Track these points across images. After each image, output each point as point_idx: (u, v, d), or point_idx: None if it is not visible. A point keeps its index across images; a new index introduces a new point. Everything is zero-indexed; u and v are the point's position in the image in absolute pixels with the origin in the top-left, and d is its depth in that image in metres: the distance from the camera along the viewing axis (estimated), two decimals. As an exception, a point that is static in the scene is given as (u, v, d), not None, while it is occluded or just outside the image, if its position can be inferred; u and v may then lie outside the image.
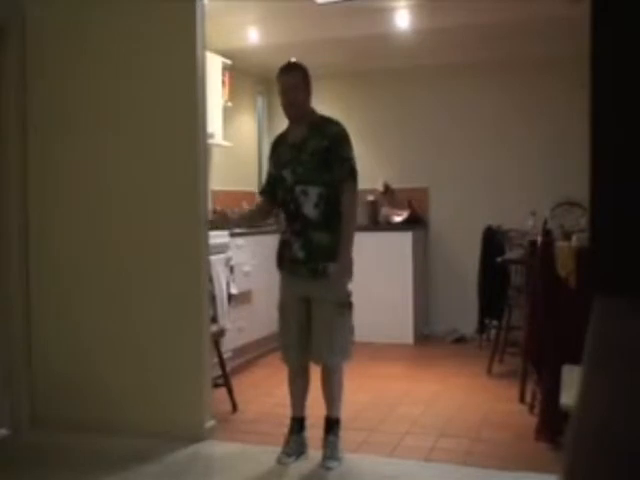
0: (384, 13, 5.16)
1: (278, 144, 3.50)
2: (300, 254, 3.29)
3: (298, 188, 3.28)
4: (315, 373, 3.44)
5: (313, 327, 3.31)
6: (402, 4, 5.09)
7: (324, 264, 3.26)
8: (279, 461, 3.33)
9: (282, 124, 3.57)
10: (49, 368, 3.91)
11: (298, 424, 3.46)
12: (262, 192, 3.64)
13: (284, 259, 3.39)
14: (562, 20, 4.73)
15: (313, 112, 3.42)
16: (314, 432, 3.46)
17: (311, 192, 3.26)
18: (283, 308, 3.42)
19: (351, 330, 3.43)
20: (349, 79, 6.78)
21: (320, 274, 3.27)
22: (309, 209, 3.27)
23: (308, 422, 3.50)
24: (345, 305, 3.34)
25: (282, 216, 3.42)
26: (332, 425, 3.39)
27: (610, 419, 0.73)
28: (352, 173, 3.31)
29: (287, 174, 3.33)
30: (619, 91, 1.30)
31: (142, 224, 3.73)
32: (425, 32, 5.44)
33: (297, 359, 3.39)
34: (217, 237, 4.73)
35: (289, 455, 3.35)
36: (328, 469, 3.26)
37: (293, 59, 3.48)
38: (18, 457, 3.52)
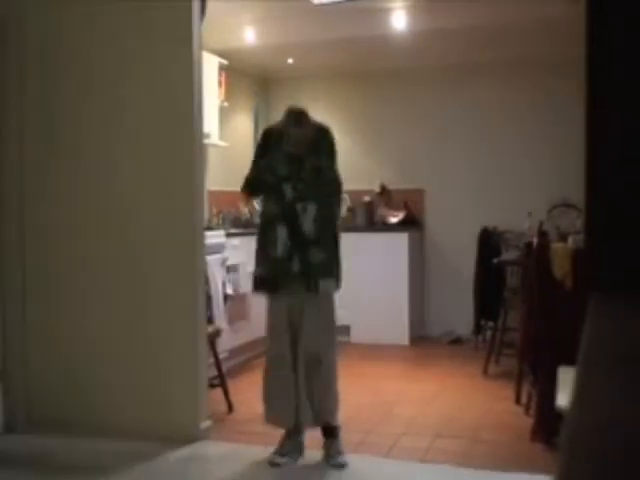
0: (380, 14, 5.17)
1: (272, 142, 3.39)
2: (296, 269, 3.27)
3: (299, 205, 3.27)
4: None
5: (305, 324, 3.29)
6: (398, 5, 5.09)
7: (316, 280, 3.27)
8: (272, 461, 3.29)
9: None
10: (45, 369, 3.90)
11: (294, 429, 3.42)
12: (254, 194, 3.53)
13: (278, 275, 3.30)
14: (560, 21, 4.74)
15: (309, 119, 3.41)
16: (314, 432, 3.44)
17: (310, 209, 3.28)
18: (273, 325, 3.38)
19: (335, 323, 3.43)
20: (345, 80, 6.78)
21: (312, 289, 3.28)
22: (308, 226, 3.27)
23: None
24: (331, 324, 3.37)
25: (279, 232, 3.29)
26: (332, 430, 3.38)
27: (604, 419, 0.73)
28: (340, 189, 3.42)
29: (287, 189, 3.29)
30: (615, 93, 1.30)
31: (138, 224, 3.73)
32: (422, 33, 5.45)
33: (288, 351, 3.32)
34: (213, 237, 4.73)
35: (282, 455, 3.32)
36: (341, 466, 3.24)
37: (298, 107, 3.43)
38: (13, 458, 3.51)
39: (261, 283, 3.37)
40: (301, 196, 3.28)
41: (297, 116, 3.37)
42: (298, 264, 3.26)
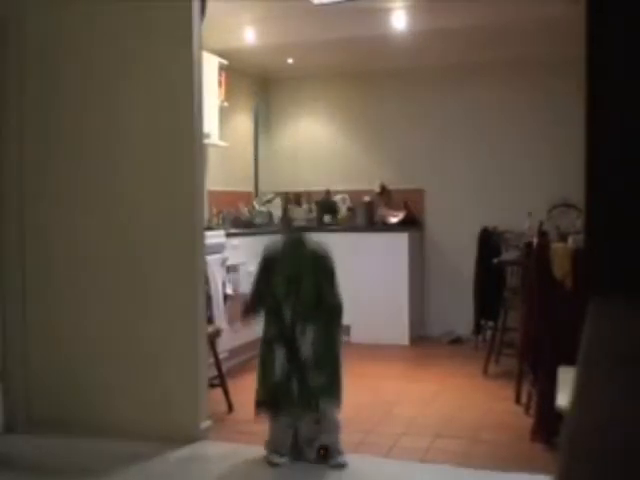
0: (380, 14, 5.17)
1: (272, 266, 3.39)
2: (295, 392, 3.26)
3: (298, 327, 3.27)
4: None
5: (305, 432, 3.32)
6: (398, 5, 5.10)
7: (317, 401, 3.26)
8: (270, 460, 3.30)
9: (278, 125, 3.56)
10: (45, 369, 3.90)
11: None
12: (256, 315, 3.46)
13: (277, 398, 3.30)
14: (560, 21, 4.74)
15: (305, 243, 3.42)
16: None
17: (308, 331, 3.27)
18: (274, 443, 3.36)
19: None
20: (345, 80, 6.79)
21: (313, 409, 3.27)
22: (307, 349, 3.27)
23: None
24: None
25: (277, 354, 3.29)
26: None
27: (604, 419, 0.73)
28: (341, 314, 3.38)
29: (287, 310, 3.30)
30: (615, 93, 1.30)
31: (138, 224, 3.73)
32: (422, 33, 5.45)
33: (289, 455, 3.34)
34: (213, 237, 4.73)
35: (281, 455, 3.32)
36: (341, 466, 3.24)
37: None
38: (13, 459, 3.51)
39: (261, 405, 3.37)
40: (299, 317, 3.28)
41: (296, 242, 3.41)
42: (297, 387, 3.27)
